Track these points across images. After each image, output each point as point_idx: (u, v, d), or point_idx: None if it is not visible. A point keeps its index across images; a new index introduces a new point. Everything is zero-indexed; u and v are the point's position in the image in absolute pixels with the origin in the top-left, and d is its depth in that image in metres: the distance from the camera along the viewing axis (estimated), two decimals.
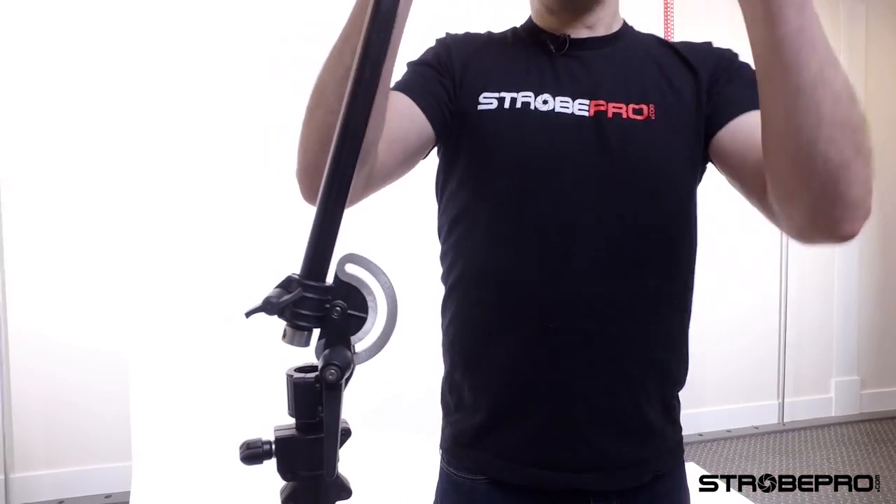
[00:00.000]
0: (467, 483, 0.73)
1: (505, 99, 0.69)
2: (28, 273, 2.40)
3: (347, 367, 0.42)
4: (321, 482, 0.44)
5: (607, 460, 0.69)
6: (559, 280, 0.67)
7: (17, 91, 2.34)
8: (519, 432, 0.69)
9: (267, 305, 0.42)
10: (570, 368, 0.67)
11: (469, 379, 0.73)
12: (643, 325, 0.70)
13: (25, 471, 2.42)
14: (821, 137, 0.51)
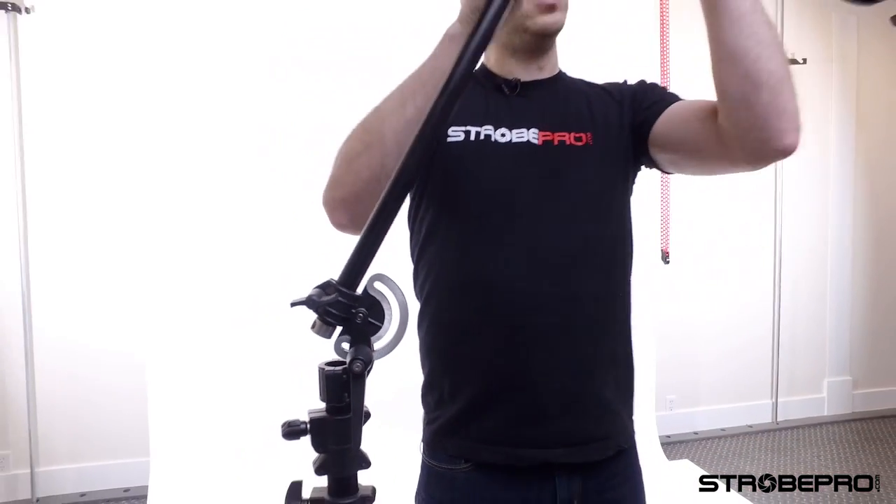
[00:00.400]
0: (448, 472, 0.82)
1: (470, 132, 0.81)
2: (51, 280, 2.51)
3: (370, 362, 0.53)
4: (347, 454, 0.55)
5: (573, 437, 0.79)
6: (523, 285, 0.78)
7: (42, 104, 2.46)
8: (495, 418, 0.79)
9: (310, 302, 0.53)
10: (538, 360, 0.78)
11: (449, 377, 0.83)
12: (596, 319, 0.81)
13: (49, 465, 2.53)
14: (763, 54, 0.66)
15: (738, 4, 0.65)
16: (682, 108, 0.82)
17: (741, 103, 0.68)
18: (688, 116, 0.80)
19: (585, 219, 0.80)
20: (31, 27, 2.41)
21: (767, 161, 0.71)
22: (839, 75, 3.40)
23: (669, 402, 3.21)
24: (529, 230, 0.79)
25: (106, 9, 2.44)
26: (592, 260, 0.80)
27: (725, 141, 0.72)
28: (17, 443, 2.50)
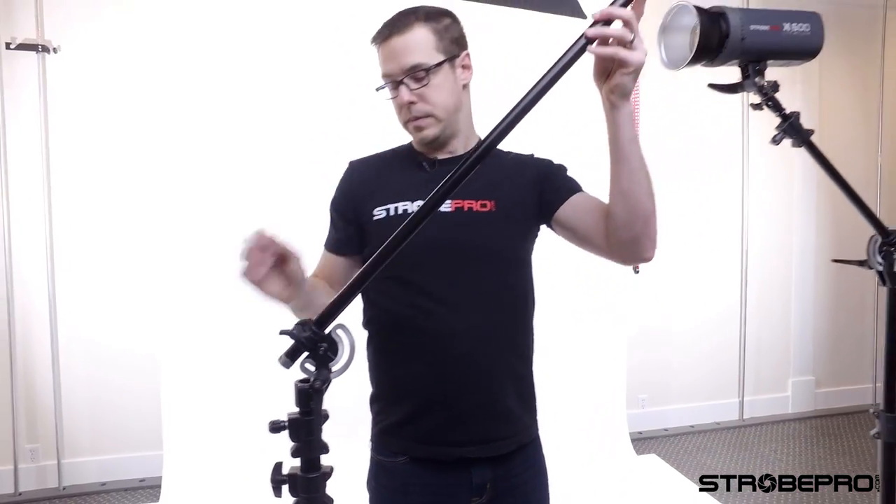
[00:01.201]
0: (390, 464, 1.07)
1: (391, 209, 1.04)
2: (75, 290, 2.77)
3: (326, 381, 0.79)
4: (312, 443, 0.80)
5: (483, 437, 1.04)
6: (442, 323, 1.01)
7: (66, 132, 2.72)
8: (424, 424, 1.03)
9: (291, 333, 0.78)
10: (457, 380, 1.02)
11: (390, 392, 1.08)
12: (500, 350, 1.05)
13: (73, 457, 2.80)
14: (643, 197, 0.93)
15: (632, 161, 0.89)
16: (584, 200, 1.05)
17: (623, 227, 0.94)
18: (588, 210, 1.02)
19: (489, 271, 1.04)
20: (57, 65, 2.67)
21: (633, 264, 1.02)
22: (802, 96, 3.62)
23: (641, 400, 3.46)
24: (444, 282, 1.02)
25: (122, 47, 2.70)
26: (495, 304, 1.04)
27: (607, 243, 0.98)
28: (45, 437, 2.77)
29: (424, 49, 1.00)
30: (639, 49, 0.80)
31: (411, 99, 1.01)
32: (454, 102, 1.04)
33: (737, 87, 1.12)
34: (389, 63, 1.01)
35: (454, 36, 1.04)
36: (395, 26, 1.01)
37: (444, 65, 1.01)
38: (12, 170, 2.67)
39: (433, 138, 1.04)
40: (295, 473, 0.81)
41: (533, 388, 1.13)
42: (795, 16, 1.08)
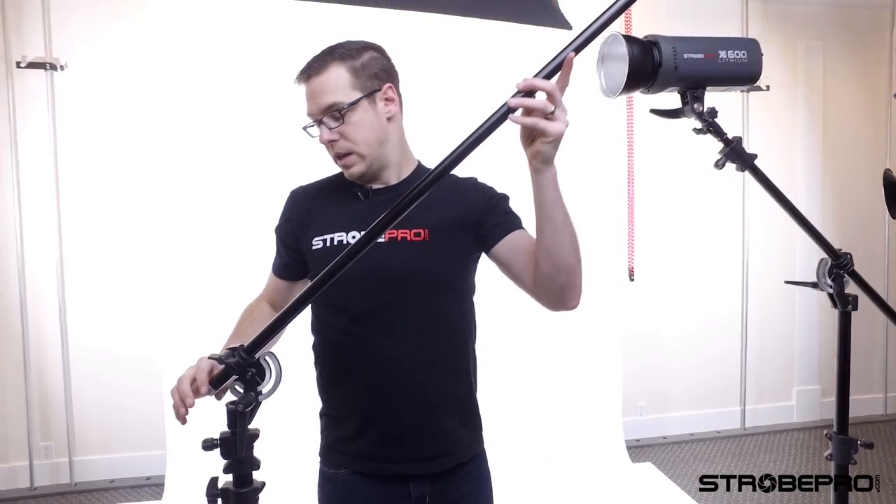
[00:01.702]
0: (333, 475, 1.12)
1: (327, 239, 1.08)
2: (83, 299, 2.90)
3: (251, 404, 0.84)
4: (243, 461, 0.86)
5: (419, 456, 1.08)
6: (377, 349, 1.05)
7: (74, 144, 2.85)
8: (363, 442, 1.08)
9: (219, 359, 0.84)
10: (392, 402, 1.07)
11: (332, 410, 1.14)
12: (436, 372, 1.08)
13: (84, 455, 2.94)
14: (566, 253, 0.95)
15: (556, 221, 0.93)
16: (520, 240, 1.06)
17: (548, 279, 0.98)
18: (522, 251, 1.04)
19: (422, 299, 1.07)
20: (65, 82, 2.80)
21: (557, 310, 1.03)
22: (805, 100, 3.56)
23: (640, 408, 3.45)
24: (379, 310, 1.06)
25: (125, 62, 2.82)
26: (430, 330, 1.07)
27: (535, 286, 1.02)
28: (58, 435, 2.91)
29: (340, 88, 1.03)
30: (559, 120, 0.82)
31: (331, 137, 1.04)
32: (376, 137, 1.06)
33: (677, 113, 1.14)
34: (310, 103, 1.05)
35: (373, 71, 1.06)
36: (312, 68, 1.04)
37: (361, 102, 1.04)
38: (24, 183, 2.81)
39: (360, 174, 1.08)
40: (227, 489, 0.88)
41: (475, 407, 1.17)
42: (732, 43, 1.09)
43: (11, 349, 2.86)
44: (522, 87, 0.78)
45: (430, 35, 2.82)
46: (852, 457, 1.28)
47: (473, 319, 1.16)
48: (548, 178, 0.90)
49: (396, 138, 1.11)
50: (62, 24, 2.78)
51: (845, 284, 1.26)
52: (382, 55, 1.10)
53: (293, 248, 1.15)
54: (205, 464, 3.02)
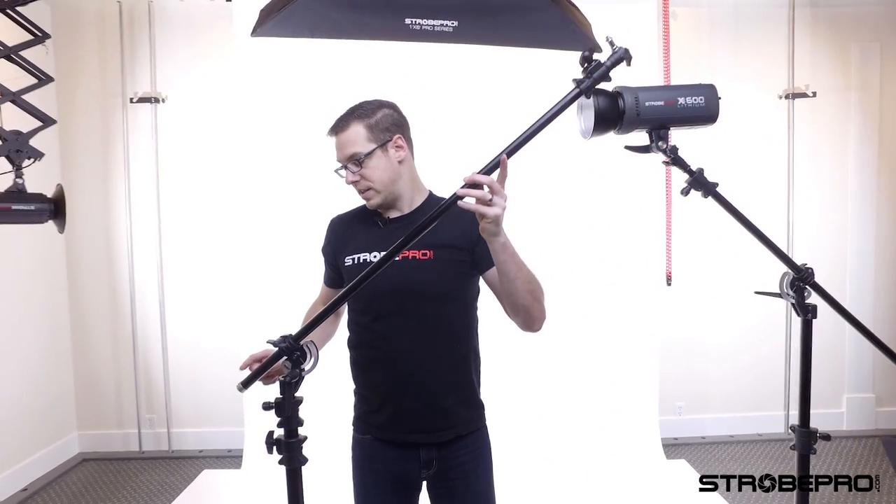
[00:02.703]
0: (361, 439, 1.43)
1: (356, 258, 1.38)
2: (179, 299, 3.42)
3: (296, 378, 1.17)
4: (291, 419, 1.19)
5: (426, 429, 1.36)
6: (392, 346, 1.34)
7: (173, 167, 3.37)
8: (382, 417, 1.38)
9: (275, 343, 1.16)
10: (403, 387, 1.35)
11: (361, 390, 1.44)
12: (439, 365, 1.36)
13: (179, 427, 3.46)
14: (520, 297, 1.23)
15: (509, 273, 1.19)
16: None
17: (510, 312, 1.28)
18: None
19: (427, 307, 1.34)
20: (165, 112, 3.32)
21: (526, 331, 1.31)
22: (858, 104, 3.51)
23: (678, 408, 3.56)
24: (393, 314, 1.34)
25: (216, 94, 3.30)
26: (434, 332, 1.34)
27: (508, 313, 1.31)
28: (159, 409, 3.45)
29: (359, 141, 1.32)
30: (496, 205, 1.06)
31: (354, 179, 1.35)
32: (389, 177, 1.35)
33: (647, 149, 1.35)
34: (337, 153, 1.36)
35: (385, 126, 1.35)
36: (338, 126, 1.35)
37: (375, 151, 1.33)
38: (134, 200, 3.36)
39: (377, 205, 1.38)
40: (279, 439, 1.21)
41: (474, 391, 1.44)
42: (690, 90, 1.29)
43: (125, 339, 3.43)
44: (467, 180, 1.04)
45: (454, 67, 3.10)
46: (813, 447, 1.43)
47: (474, 321, 1.43)
48: (496, 245, 1.15)
49: (408, 175, 1.39)
50: (164, 61, 3.30)
51: (807, 296, 1.41)
52: (394, 111, 1.39)
53: (334, 265, 1.48)
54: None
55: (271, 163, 3.14)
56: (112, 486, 3.06)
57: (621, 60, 1.17)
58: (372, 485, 1.44)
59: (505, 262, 1.18)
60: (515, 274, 1.20)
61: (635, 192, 3.26)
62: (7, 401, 2.96)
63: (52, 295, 3.32)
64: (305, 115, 3.10)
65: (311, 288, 3.49)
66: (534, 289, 1.24)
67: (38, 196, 2.06)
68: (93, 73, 3.31)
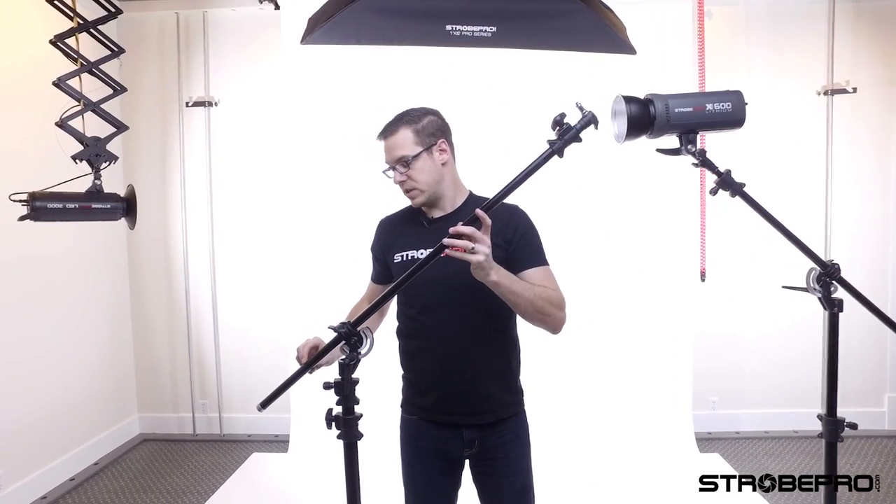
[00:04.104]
0: (409, 419, 1.56)
1: (404, 255, 1.50)
2: (229, 291, 3.63)
3: (353, 360, 1.30)
4: (348, 398, 1.32)
5: (469, 411, 1.48)
6: (439, 333, 1.46)
7: (225, 168, 3.58)
8: (427, 399, 1.50)
9: (335, 329, 1.29)
10: (447, 372, 1.47)
11: (409, 375, 1.57)
12: (480, 352, 1.47)
13: (230, 412, 3.68)
14: (529, 315, 1.36)
15: (509, 300, 1.31)
16: (531, 277, 1.41)
17: (531, 323, 1.40)
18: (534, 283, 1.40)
19: (469, 299, 1.44)
20: (217, 115, 3.53)
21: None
22: None
23: (712, 402, 3.59)
24: (438, 306, 1.45)
25: (265, 97, 3.49)
26: (476, 322, 1.44)
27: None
28: (211, 394, 3.67)
29: (407, 145, 1.44)
30: (478, 253, 1.19)
31: (401, 179, 1.46)
32: (434, 178, 1.46)
33: (677, 151, 1.43)
34: (386, 155, 1.48)
35: (431, 131, 1.46)
36: (387, 131, 1.46)
37: (421, 154, 1.44)
38: (189, 198, 3.58)
39: (421, 204, 1.49)
40: (338, 416, 1.34)
41: (514, 377, 1.55)
42: (718, 96, 1.37)
43: (180, 329, 3.67)
44: (452, 231, 1.18)
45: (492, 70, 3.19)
46: (840, 435, 1.49)
47: (514, 312, 1.52)
48: (490, 284, 1.26)
49: (450, 177, 1.50)
50: (217, 67, 3.51)
51: (833, 290, 1.46)
52: (438, 117, 1.50)
53: (382, 262, 1.61)
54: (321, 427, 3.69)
55: (317, 162, 3.31)
56: (170, 465, 3.29)
57: (590, 124, 1.25)
58: (419, 461, 1.57)
59: (504, 295, 1.30)
60: (515, 302, 1.32)
61: (670, 188, 3.31)
62: (78, 383, 3.22)
63: (115, 288, 3.58)
64: (349, 117, 3.25)
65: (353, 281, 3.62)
66: (540, 307, 1.34)
67: (113, 196, 2.27)
68: (153, 80, 3.54)
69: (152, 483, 3.08)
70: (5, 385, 2.73)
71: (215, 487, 3.00)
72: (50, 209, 2.06)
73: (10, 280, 2.76)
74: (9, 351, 2.76)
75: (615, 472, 3.06)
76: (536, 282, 1.44)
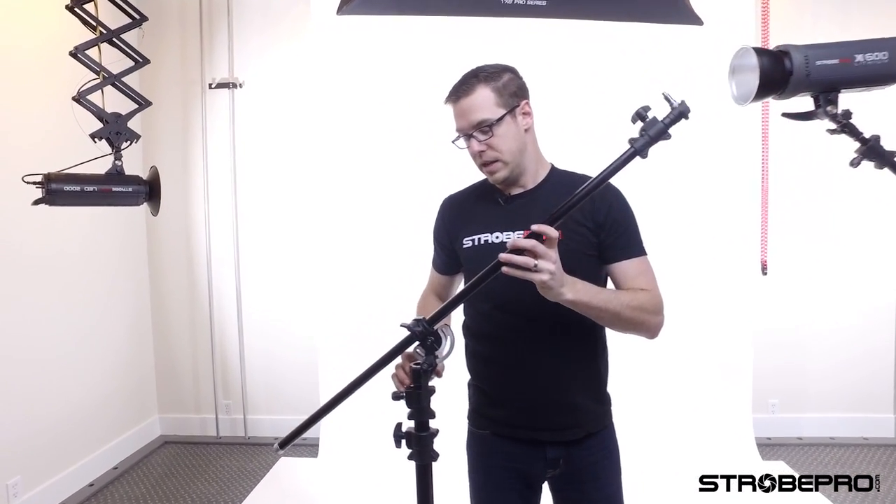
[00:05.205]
0: (479, 433, 1.34)
1: (475, 239, 1.26)
2: (254, 287, 3.43)
3: (431, 365, 1.08)
4: (423, 410, 1.09)
5: (554, 426, 1.25)
6: (518, 333, 1.22)
7: (249, 151, 3.37)
8: (505, 410, 1.28)
9: (408, 327, 1.06)
10: (530, 379, 1.24)
11: (480, 382, 1.34)
12: (568, 355, 1.24)
13: (255, 414, 3.49)
14: (617, 326, 1.17)
15: (591, 315, 1.11)
16: (629, 270, 1.21)
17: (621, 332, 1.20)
18: (629, 278, 1.21)
19: None
20: (242, 97, 3.32)
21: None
22: None
23: (771, 405, 3.33)
24: (516, 302, 1.20)
25: (291, 78, 3.27)
26: (561, 320, 1.18)
27: None
28: (235, 396, 3.48)
29: (487, 107, 1.17)
30: (542, 272, 0.98)
31: (481, 148, 1.19)
32: (518, 146, 1.21)
33: (810, 115, 1.18)
34: (460, 120, 1.21)
35: (513, 90, 1.20)
36: (461, 90, 1.19)
37: (505, 118, 1.18)
38: (212, 186, 3.38)
39: (503, 179, 1.24)
40: (410, 432, 1.12)
41: (604, 386, 1.32)
42: (870, 45, 1.12)
43: (203, 324, 3.47)
44: (510, 246, 0.99)
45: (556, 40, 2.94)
46: None
47: None
48: (565, 303, 1.06)
49: (532, 147, 1.26)
50: (241, 47, 3.30)
51: None
52: (517, 75, 1.24)
53: (447, 248, 1.37)
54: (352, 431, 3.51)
55: (349, 147, 3.09)
56: (194, 470, 3.10)
57: (681, 117, 1.02)
58: (492, 483, 1.35)
59: (583, 311, 1.11)
60: (598, 316, 1.13)
61: (728, 174, 3.05)
62: (96, 384, 3.04)
63: (134, 282, 3.39)
64: (384, 99, 3.03)
65: (390, 273, 3.42)
66: (629, 318, 1.14)
67: (135, 178, 2.06)
68: (173, 60, 3.33)
69: (175, 490, 2.89)
70: (21, 387, 2.55)
71: (242, 496, 2.81)
72: (66, 192, 1.86)
73: (22, 276, 2.58)
74: (23, 351, 2.57)
75: (671, 476, 2.82)
76: (631, 276, 1.22)
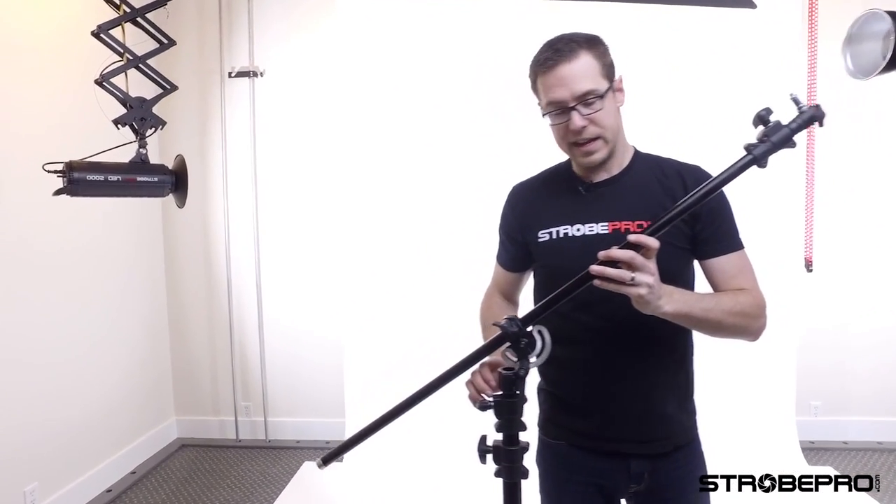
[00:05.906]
0: (554, 444, 1.22)
1: (552, 232, 1.12)
2: (276, 287, 3.29)
3: (526, 370, 0.94)
4: (514, 421, 0.96)
5: (640, 437, 1.13)
6: (601, 336, 1.10)
7: (270, 142, 3.23)
8: (585, 420, 1.16)
9: (501, 327, 0.93)
10: (615, 387, 1.12)
11: (555, 389, 1.22)
12: (657, 361, 1.11)
13: (276, 417, 3.36)
14: (717, 334, 1.06)
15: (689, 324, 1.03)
16: (729, 267, 1.09)
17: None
18: (724, 278, 1.09)
19: None
20: (263, 87, 3.18)
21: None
22: None
23: (814, 408, 3.20)
24: (603, 298, 0.96)
25: (315, 67, 3.14)
26: (650, 322, 1.00)
27: None
28: (256, 398, 3.35)
29: (593, 76, 1.03)
30: (639, 286, 0.88)
31: (584, 123, 1.03)
32: (618, 124, 1.09)
33: None
34: (559, 90, 1.03)
35: (609, 62, 1.08)
36: (562, 53, 1.02)
37: (609, 91, 1.05)
38: (231, 180, 3.24)
39: (601, 160, 1.08)
40: (498, 445, 0.98)
41: (691, 391, 1.19)
42: None
43: (222, 324, 3.34)
44: (603, 257, 0.88)
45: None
46: None
47: None
48: (663, 316, 0.96)
49: (621, 127, 1.13)
50: (261, 35, 3.16)
51: None
52: (608, 49, 1.10)
53: (518, 242, 1.22)
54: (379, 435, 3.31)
55: (374, 139, 2.96)
56: (213, 475, 2.97)
57: (812, 122, 0.88)
58: (567, 498, 1.22)
59: (683, 325, 1.03)
60: (697, 323, 1.03)
61: (771, 167, 2.90)
62: (112, 386, 2.91)
63: (151, 280, 3.26)
64: (412, 89, 2.90)
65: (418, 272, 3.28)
66: (730, 325, 1.04)
67: (161, 168, 1.93)
68: (191, 46, 3.20)
69: (196, 496, 2.76)
70: (35, 391, 2.42)
71: (268, 502, 2.68)
72: (89, 182, 1.73)
73: (34, 274, 2.44)
74: (37, 354, 2.44)
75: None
76: (730, 275, 1.09)
